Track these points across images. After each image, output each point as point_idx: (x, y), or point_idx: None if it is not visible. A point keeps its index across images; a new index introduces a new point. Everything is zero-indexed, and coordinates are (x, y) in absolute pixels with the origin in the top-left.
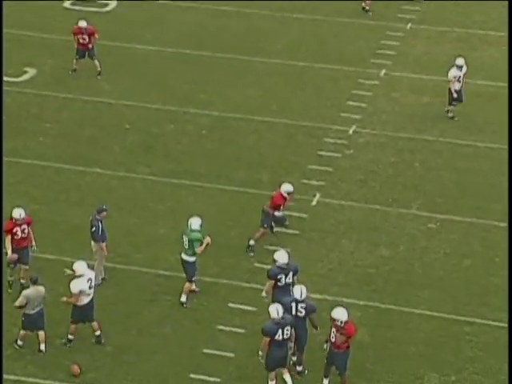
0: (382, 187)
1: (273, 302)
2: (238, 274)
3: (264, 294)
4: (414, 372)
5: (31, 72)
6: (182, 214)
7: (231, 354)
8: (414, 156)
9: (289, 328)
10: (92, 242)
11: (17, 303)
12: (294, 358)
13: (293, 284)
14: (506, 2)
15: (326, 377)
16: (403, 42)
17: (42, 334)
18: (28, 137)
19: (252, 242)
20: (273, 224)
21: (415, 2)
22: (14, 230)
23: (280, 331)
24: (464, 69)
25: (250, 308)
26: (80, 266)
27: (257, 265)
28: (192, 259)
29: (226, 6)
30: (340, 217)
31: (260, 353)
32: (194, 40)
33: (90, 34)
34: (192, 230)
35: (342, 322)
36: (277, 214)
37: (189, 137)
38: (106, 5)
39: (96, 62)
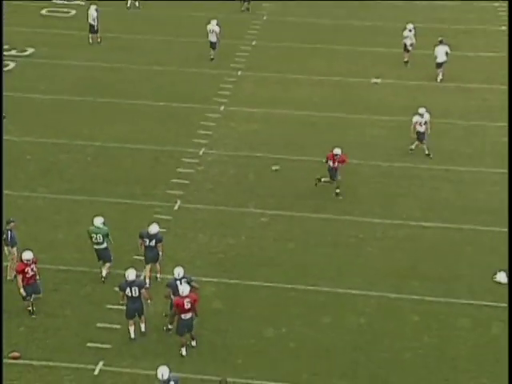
0: (227, 193)
1: (144, 258)
2: (121, 264)
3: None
4: (256, 328)
5: None
6: (75, 222)
7: (118, 326)
8: (248, 169)
9: (137, 289)
10: (4, 248)
11: None
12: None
13: (155, 248)
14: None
15: (182, 346)
16: (236, 85)
17: None
18: None
19: (323, 179)
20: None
21: (244, 54)
22: (26, 270)
23: (129, 289)
24: (426, 116)
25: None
26: None
27: (135, 257)
28: (104, 246)
29: (101, 62)
30: (196, 217)
31: (120, 302)
32: (78, 89)
33: None
34: (97, 227)
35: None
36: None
37: (78, 163)
38: (7, 65)
39: None
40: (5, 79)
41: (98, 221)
